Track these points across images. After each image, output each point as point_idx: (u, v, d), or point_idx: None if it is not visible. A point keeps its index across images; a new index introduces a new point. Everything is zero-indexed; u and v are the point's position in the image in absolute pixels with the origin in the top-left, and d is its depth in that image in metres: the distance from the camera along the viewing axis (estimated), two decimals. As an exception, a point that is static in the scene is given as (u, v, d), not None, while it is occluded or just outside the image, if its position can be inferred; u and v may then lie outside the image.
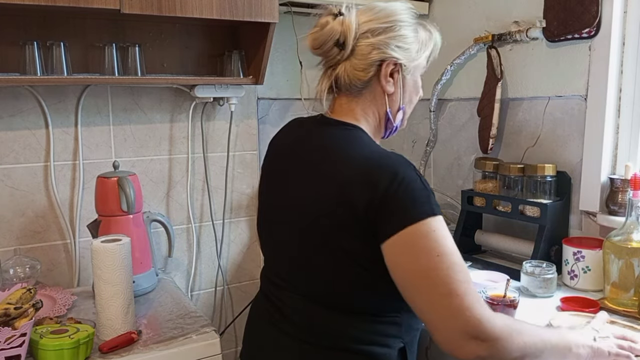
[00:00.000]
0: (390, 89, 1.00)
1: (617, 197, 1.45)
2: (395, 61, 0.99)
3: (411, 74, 1.02)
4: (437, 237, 0.85)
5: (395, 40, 0.98)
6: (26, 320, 1.14)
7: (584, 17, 1.48)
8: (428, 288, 0.85)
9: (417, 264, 0.85)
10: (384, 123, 1.03)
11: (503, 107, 1.74)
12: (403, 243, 0.86)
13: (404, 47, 0.99)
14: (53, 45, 1.48)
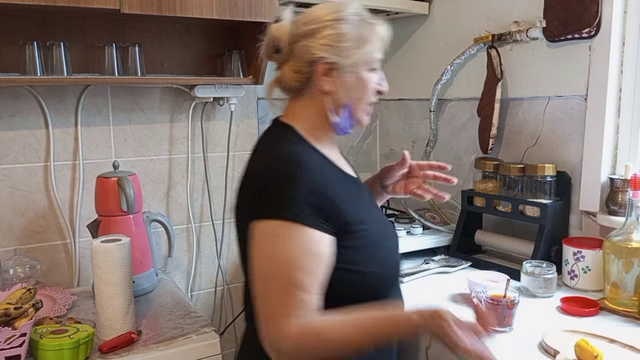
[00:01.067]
0: (327, 87, 1.00)
1: (617, 197, 1.45)
2: (327, 60, 0.98)
3: (351, 72, 1.00)
4: (277, 241, 0.88)
5: (326, 40, 0.98)
6: (26, 320, 1.14)
7: (584, 17, 1.48)
8: (255, 284, 0.92)
9: (254, 257, 0.92)
10: (329, 121, 1.03)
11: (503, 107, 1.74)
12: (253, 232, 0.91)
13: (337, 46, 0.98)
14: (53, 45, 1.48)
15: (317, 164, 0.98)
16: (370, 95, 1.03)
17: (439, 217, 1.91)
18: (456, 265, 1.63)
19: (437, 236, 1.79)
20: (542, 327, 1.20)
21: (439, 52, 1.98)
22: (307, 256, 0.89)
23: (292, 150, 0.98)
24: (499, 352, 1.11)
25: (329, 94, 1.01)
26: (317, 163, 0.98)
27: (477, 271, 1.52)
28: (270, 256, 0.89)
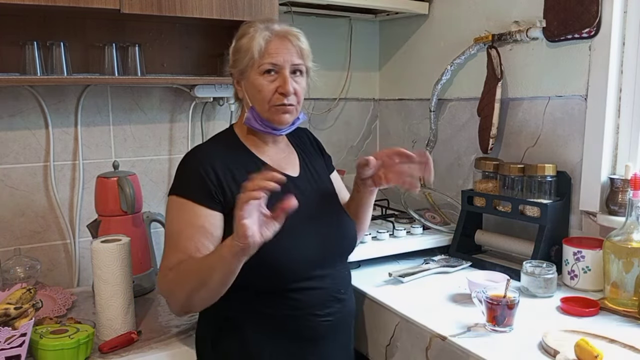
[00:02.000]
0: (240, 95, 1.24)
1: (617, 197, 1.45)
2: (231, 71, 1.24)
3: (244, 78, 1.20)
4: (170, 211, 1.16)
5: (230, 54, 1.24)
6: (26, 320, 1.14)
7: (584, 17, 1.48)
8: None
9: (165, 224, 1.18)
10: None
11: (503, 107, 1.74)
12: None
13: (233, 58, 1.22)
14: (53, 45, 1.48)
15: (214, 155, 1.17)
16: (267, 97, 1.17)
17: (439, 217, 1.91)
18: (456, 265, 1.63)
19: (437, 236, 1.78)
20: (542, 327, 1.20)
21: (439, 52, 1.98)
22: (190, 226, 1.11)
23: (202, 144, 1.27)
24: (499, 352, 1.11)
25: (242, 100, 1.24)
26: (214, 154, 1.17)
27: (477, 271, 1.52)
28: (168, 222, 1.16)
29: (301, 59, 1.21)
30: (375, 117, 2.32)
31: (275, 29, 1.19)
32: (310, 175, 1.29)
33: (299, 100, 1.21)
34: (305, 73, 1.23)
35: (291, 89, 1.17)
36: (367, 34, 2.25)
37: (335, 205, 1.32)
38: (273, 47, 1.17)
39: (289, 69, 1.18)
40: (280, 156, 1.27)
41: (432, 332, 1.22)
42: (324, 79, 2.14)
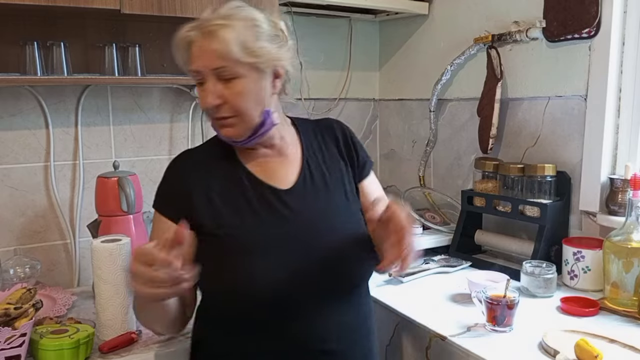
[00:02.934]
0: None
1: (617, 197, 1.45)
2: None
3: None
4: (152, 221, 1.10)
5: None
6: (26, 320, 1.14)
7: (583, 17, 1.48)
8: None
9: None
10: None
11: (503, 107, 1.74)
12: None
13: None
14: (53, 45, 1.47)
15: (193, 163, 1.10)
16: (206, 111, 1.03)
17: (439, 217, 1.91)
18: (456, 265, 1.64)
19: (437, 236, 1.78)
20: (542, 327, 1.21)
21: (439, 52, 1.98)
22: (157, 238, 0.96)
23: (188, 150, 1.20)
24: (499, 352, 1.11)
25: None
26: (193, 163, 1.10)
27: (477, 271, 1.52)
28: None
29: (223, 60, 0.96)
30: (375, 117, 2.32)
31: (200, 24, 1.00)
32: (311, 187, 1.09)
33: (236, 109, 1.00)
34: (245, 73, 0.98)
35: (211, 101, 0.98)
36: (367, 34, 2.25)
37: (337, 226, 1.06)
38: (195, 49, 0.99)
39: (212, 76, 0.98)
40: (273, 163, 1.10)
41: (432, 332, 1.22)
42: (324, 79, 2.16)
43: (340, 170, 1.14)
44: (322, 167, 1.12)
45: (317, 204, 1.08)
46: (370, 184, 1.18)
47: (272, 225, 1.03)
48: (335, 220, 1.07)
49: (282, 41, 1.04)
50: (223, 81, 0.98)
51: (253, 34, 0.98)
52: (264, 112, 1.03)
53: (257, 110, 1.01)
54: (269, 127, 1.05)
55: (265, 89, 1.02)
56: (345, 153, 1.16)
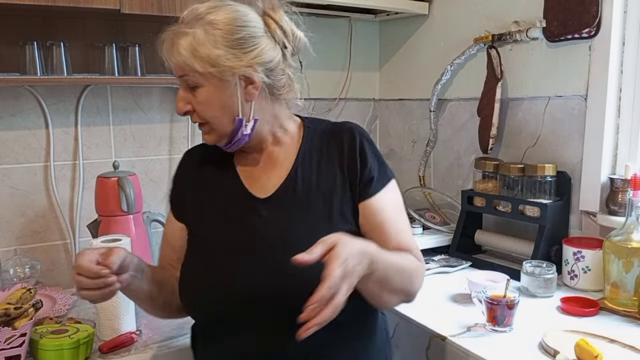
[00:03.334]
0: None
1: (617, 197, 1.45)
2: None
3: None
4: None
5: None
6: (26, 320, 1.14)
7: (584, 17, 1.48)
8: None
9: None
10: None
11: (503, 107, 1.74)
12: None
13: None
14: (53, 45, 1.47)
15: (194, 160, 1.12)
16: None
17: (439, 217, 1.91)
18: (456, 265, 1.63)
19: (437, 236, 1.78)
20: (542, 327, 1.21)
21: (439, 52, 1.97)
22: (164, 234, 1.14)
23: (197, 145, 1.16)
24: (499, 352, 1.11)
25: None
26: (195, 159, 1.12)
27: (477, 271, 1.52)
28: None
29: (182, 69, 0.94)
30: (375, 117, 2.32)
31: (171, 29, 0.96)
32: (290, 199, 1.00)
33: (203, 118, 0.97)
34: (205, 83, 0.94)
35: (180, 108, 0.97)
36: (367, 34, 2.24)
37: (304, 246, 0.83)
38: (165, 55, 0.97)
39: (182, 82, 0.97)
40: (259, 168, 1.05)
41: (432, 332, 1.22)
42: (324, 79, 2.16)
43: (333, 184, 1.00)
44: (310, 179, 1.01)
45: (290, 219, 0.99)
46: (376, 207, 1.00)
47: (238, 233, 1.00)
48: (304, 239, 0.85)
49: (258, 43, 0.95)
50: (190, 89, 0.96)
51: (212, 41, 0.93)
52: (236, 120, 0.97)
53: (227, 118, 0.97)
54: (240, 136, 0.99)
55: (234, 97, 0.95)
56: (347, 165, 1.01)
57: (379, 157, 1.04)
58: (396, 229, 1.01)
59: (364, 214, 1.01)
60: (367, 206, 1.00)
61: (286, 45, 1.01)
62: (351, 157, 1.01)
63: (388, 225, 1.00)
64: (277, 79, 1.00)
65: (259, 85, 0.97)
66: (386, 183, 1.03)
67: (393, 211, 1.02)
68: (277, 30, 0.99)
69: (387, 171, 1.04)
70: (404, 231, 1.03)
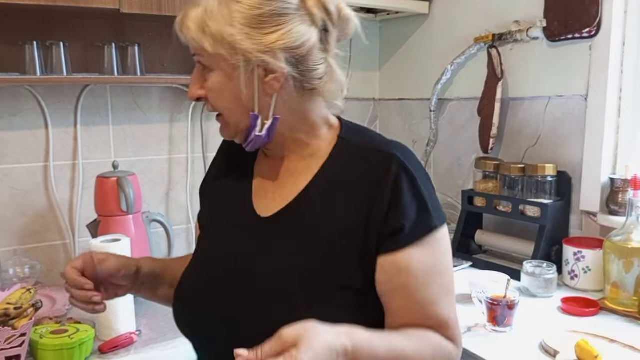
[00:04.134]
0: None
1: (618, 197, 1.45)
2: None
3: None
4: None
5: None
6: (26, 320, 1.14)
7: (584, 17, 1.48)
8: None
9: None
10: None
11: (503, 107, 1.74)
12: None
13: None
14: (53, 45, 1.47)
15: (213, 164, 1.01)
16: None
17: (439, 217, 1.91)
18: (456, 266, 1.63)
19: (437, 236, 1.78)
20: (543, 327, 1.20)
21: (439, 52, 1.97)
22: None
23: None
24: (499, 352, 1.11)
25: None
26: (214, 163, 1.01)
27: (477, 271, 1.52)
28: None
29: (193, 47, 0.79)
30: (375, 117, 2.32)
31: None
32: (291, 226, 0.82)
33: (215, 107, 0.82)
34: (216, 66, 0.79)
35: (192, 92, 0.83)
36: (367, 34, 2.24)
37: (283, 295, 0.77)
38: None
39: (197, 62, 0.82)
40: (274, 178, 0.88)
41: (432, 332, 1.22)
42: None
43: (345, 224, 0.79)
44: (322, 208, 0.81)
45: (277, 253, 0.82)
46: (400, 265, 0.77)
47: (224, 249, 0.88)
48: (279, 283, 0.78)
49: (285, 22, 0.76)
50: (203, 71, 0.81)
51: (227, 16, 0.75)
52: (251, 116, 0.80)
53: (240, 112, 0.81)
54: (254, 137, 0.82)
55: (250, 87, 0.78)
56: (370, 203, 0.78)
57: (420, 199, 0.78)
58: (425, 297, 0.78)
59: (384, 270, 0.77)
60: (388, 262, 0.77)
61: (327, 27, 0.81)
62: (378, 194, 0.77)
63: (414, 291, 0.77)
64: (311, 69, 0.80)
65: (283, 77, 0.78)
66: (423, 236, 0.77)
67: (425, 274, 0.78)
68: (315, 7, 0.78)
69: (430, 220, 0.78)
70: (438, 302, 0.78)
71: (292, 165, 0.87)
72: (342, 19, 0.83)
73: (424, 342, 0.76)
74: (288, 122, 0.83)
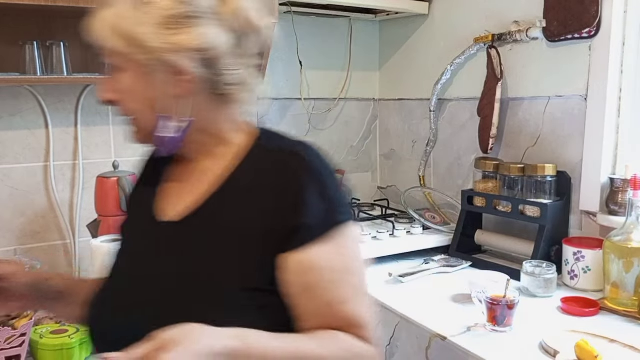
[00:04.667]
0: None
1: (618, 197, 1.45)
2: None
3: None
4: None
5: None
6: (26, 320, 1.14)
7: (584, 17, 1.48)
8: None
9: None
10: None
11: (503, 107, 1.74)
12: None
13: None
14: (53, 45, 1.47)
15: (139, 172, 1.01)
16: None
17: (439, 217, 1.91)
18: (456, 265, 1.63)
19: (437, 236, 1.78)
20: (542, 327, 1.20)
21: (439, 52, 1.97)
22: None
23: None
24: (499, 352, 1.11)
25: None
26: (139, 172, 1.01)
27: (477, 271, 1.52)
28: None
29: (103, 47, 0.80)
30: (375, 117, 2.32)
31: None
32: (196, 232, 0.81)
33: (128, 110, 0.82)
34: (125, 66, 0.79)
35: (101, 95, 0.83)
36: (367, 34, 2.24)
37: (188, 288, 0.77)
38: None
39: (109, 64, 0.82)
40: (183, 184, 0.87)
41: (432, 332, 1.22)
42: (324, 79, 2.16)
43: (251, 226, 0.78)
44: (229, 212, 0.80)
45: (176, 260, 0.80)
46: (305, 265, 0.75)
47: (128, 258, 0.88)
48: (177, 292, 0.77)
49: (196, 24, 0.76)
50: (115, 73, 0.81)
51: (139, 16, 0.75)
52: (162, 118, 0.79)
53: (151, 114, 0.80)
54: (165, 140, 0.81)
55: (159, 89, 0.78)
56: (275, 202, 0.77)
57: (324, 196, 0.77)
58: (334, 296, 0.76)
59: (290, 271, 0.76)
60: (293, 262, 0.76)
61: (243, 34, 0.80)
62: (280, 194, 0.77)
63: (321, 291, 0.75)
64: (224, 73, 0.79)
65: (194, 79, 0.77)
66: (327, 232, 0.76)
67: (333, 272, 0.76)
68: (230, 14, 0.79)
69: (334, 215, 0.78)
70: (348, 302, 0.76)
71: (201, 169, 0.86)
72: (258, 29, 0.82)
73: (330, 343, 0.74)
74: (200, 126, 0.82)
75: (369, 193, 2.31)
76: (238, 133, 0.86)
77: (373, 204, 2.17)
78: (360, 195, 2.25)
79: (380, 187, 2.34)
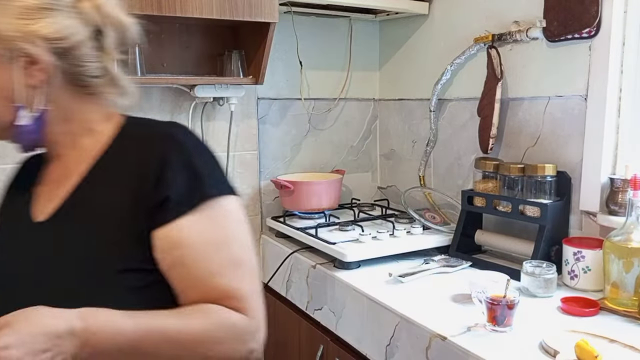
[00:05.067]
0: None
1: (618, 197, 1.45)
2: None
3: None
4: None
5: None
6: None
7: (584, 17, 1.48)
8: None
9: None
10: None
11: (503, 107, 1.74)
12: None
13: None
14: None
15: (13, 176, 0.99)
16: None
17: (439, 217, 1.91)
18: (456, 265, 1.63)
19: (437, 236, 1.78)
20: (542, 327, 1.20)
21: (439, 52, 1.97)
22: None
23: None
24: (499, 352, 1.11)
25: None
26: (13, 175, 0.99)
27: (477, 271, 1.52)
28: None
29: None
30: (375, 117, 2.32)
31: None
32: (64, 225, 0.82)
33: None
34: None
35: None
36: (367, 34, 2.24)
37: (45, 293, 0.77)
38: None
39: None
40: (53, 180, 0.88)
41: (432, 332, 1.22)
42: (324, 79, 2.16)
43: (117, 207, 0.78)
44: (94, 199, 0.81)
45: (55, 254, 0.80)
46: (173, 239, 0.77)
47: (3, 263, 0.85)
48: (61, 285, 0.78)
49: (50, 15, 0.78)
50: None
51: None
52: (15, 109, 0.79)
53: (4, 105, 0.79)
54: (20, 131, 0.81)
55: (13, 78, 0.77)
56: (139, 180, 0.78)
57: (191, 169, 0.79)
58: (206, 270, 0.77)
59: (160, 247, 0.77)
60: (162, 237, 0.77)
61: (101, 28, 0.83)
62: (145, 171, 0.78)
63: (192, 264, 0.77)
64: (80, 65, 0.81)
65: (48, 68, 0.78)
66: (195, 205, 0.77)
67: (204, 245, 0.77)
68: (88, 8, 0.82)
69: (204, 188, 0.79)
70: (222, 274, 0.77)
71: (67, 164, 0.86)
72: (118, 24, 0.86)
73: (198, 316, 0.75)
74: (63, 117, 0.83)
75: (369, 193, 2.32)
76: (105, 123, 0.87)
77: (373, 204, 2.17)
78: (360, 195, 2.25)
79: (380, 187, 2.34)
